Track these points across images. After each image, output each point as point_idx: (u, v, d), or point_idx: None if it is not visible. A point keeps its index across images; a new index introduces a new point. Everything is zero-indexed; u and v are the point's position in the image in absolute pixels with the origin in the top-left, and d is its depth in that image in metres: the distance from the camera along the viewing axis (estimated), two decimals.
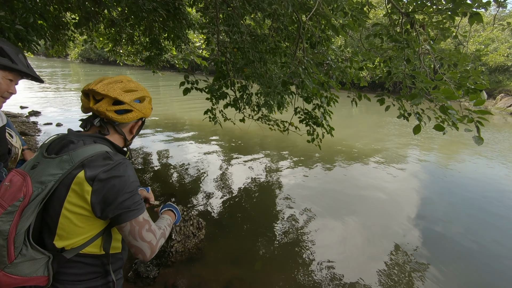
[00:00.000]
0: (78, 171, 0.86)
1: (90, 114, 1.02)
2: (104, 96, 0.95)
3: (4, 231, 0.80)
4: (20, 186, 0.83)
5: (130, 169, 0.94)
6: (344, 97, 4.15)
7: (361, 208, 4.34)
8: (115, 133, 1.03)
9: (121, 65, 10.36)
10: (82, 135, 0.96)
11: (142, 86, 1.08)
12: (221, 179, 5.08)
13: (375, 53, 3.58)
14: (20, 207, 0.81)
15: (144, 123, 1.15)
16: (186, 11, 5.55)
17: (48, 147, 0.95)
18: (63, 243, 0.89)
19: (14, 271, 0.84)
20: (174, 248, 2.79)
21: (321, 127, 3.72)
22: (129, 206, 0.90)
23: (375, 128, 10.21)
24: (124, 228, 0.91)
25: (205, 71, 3.96)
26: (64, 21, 5.62)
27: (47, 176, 0.85)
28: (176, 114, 10.68)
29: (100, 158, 0.89)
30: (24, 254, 0.84)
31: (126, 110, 1.00)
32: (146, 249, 0.93)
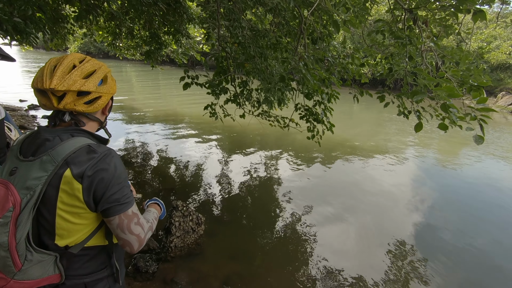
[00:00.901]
0: (64, 170, 0.83)
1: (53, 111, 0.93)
2: (67, 92, 0.86)
3: (3, 243, 0.79)
4: (5, 196, 0.80)
5: (117, 160, 0.90)
6: (344, 94, 4.13)
7: (360, 205, 4.34)
8: (89, 121, 0.97)
9: (121, 58, 10.30)
10: (56, 131, 0.89)
11: (97, 61, 0.97)
12: (221, 175, 5.08)
13: (376, 49, 3.56)
14: (12, 217, 0.79)
15: (113, 100, 1.07)
16: (186, 5, 5.50)
17: (21, 148, 0.90)
18: (65, 241, 0.89)
19: (24, 276, 0.83)
20: (174, 243, 2.80)
21: (321, 124, 3.71)
22: (118, 200, 0.88)
23: (376, 125, 10.19)
24: (112, 221, 0.90)
25: (206, 66, 3.93)
26: (63, 14, 5.56)
27: (32, 180, 0.82)
28: (176, 109, 10.64)
29: (84, 153, 0.86)
30: (30, 259, 0.83)
31: (94, 98, 0.92)
32: (134, 242, 0.93)
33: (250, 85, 4.21)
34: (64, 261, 0.89)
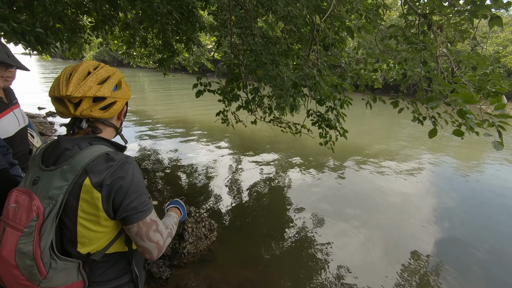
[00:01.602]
0: (83, 179, 0.84)
1: (71, 118, 0.95)
2: (83, 98, 0.87)
3: (28, 252, 0.80)
4: (29, 205, 0.82)
5: (134, 167, 0.91)
6: (357, 100, 4.10)
7: (374, 213, 4.26)
8: (106, 127, 0.98)
9: (134, 67, 10.55)
10: (75, 140, 0.90)
11: (110, 68, 0.98)
12: (232, 181, 5.09)
13: (389, 55, 3.53)
14: (37, 227, 0.81)
15: (127, 105, 1.09)
16: (198, 14, 5.61)
17: (42, 158, 0.92)
18: (87, 249, 0.89)
19: (49, 284, 0.85)
20: (187, 250, 2.81)
21: (334, 130, 3.68)
22: (136, 208, 0.89)
23: (388, 131, 10.04)
24: (131, 229, 0.90)
25: (218, 73, 3.99)
26: (81, 25, 5.77)
27: (54, 190, 0.83)
28: (187, 115, 10.78)
29: (102, 161, 0.87)
30: (55, 267, 0.85)
31: (110, 104, 0.93)
32: (153, 249, 0.92)
33: (262, 91, 4.24)
34: (86, 268, 0.91)
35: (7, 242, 0.81)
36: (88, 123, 0.93)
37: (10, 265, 0.81)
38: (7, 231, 0.82)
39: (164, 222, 1.05)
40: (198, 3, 5.49)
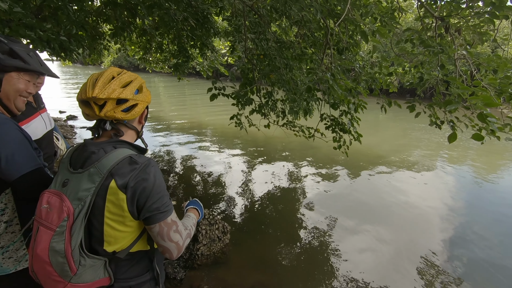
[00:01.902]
0: (109, 181, 0.88)
1: (95, 120, 1.01)
2: (107, 100, 0.93)
3: (60, 250, 0.85)
4: (60, 206, 0.87)
5: (156, 170, 0.95)
6: (371, 103, 4.06)
7: (388, 219, 4.17)
8: (128, 129, 1.03)
9: (150, 72, 10.83)
10: (100, 143, 0.96)
11: (132, 73, 1.03)
12: (245, 184, 5.11)
13: (405, 58, 3.48)
14: (67, 226, 0.86)
15: (148, 109, 1.14)
16: (213, 20, 5.72)
17: (70, 161, 0.97)
18: (113, 247, 0.94)
19: (79, 280, 0.90)
20: (200, 251, 2.85)
21: (348, 134, 3.65)
22: (158, 208, 0.93)
23: (404, 135, 9.83)
24: (153, 229, 0.94)
25: (232, 77, 4.04)
26: (100, 32, 5.99)
27: (82, 191, 0.88)
28: (200, 119, 10.93)
29: (126, 164, 0.91)
30: (84, 264, 0.89)
31: (131, 106, 0.99)
32: (173, 249, 0.96)
33: (275, 95, 4.26)
34: (112, 266, 0.96)
35: (41, 240, 0.87)
36: (112, 125, 0.98)
37: (44, 262, 0.87)
38: (41, 231, 0.88)
39: (184, 223, 1.09)
40: (213, 9, 5.61)
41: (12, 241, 1.14)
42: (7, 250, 1.13)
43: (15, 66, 1.09)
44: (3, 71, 1.08)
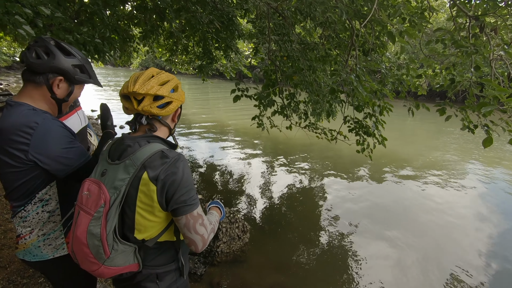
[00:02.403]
0: (142, 172, 0.94)
1: (133, 115, 1.09)
2: (145, 95, 1.01)
3: (97, 234, 0.93)
4: (98, 193, 0.94)
5: (185, 164, 1.00)
6: (398, 106, 3.93)
7: (414, 226, 4.01)
8: (161, 126, 1.09)
9: (175, 73, 11.16)
10: (136, 138, 1.02)
11: (169, 74, 1.11)
12: (265, 185, 5.13)
13: (435, 59, 3.35)
14: (104, 212, 0.93)
15: (181, 109, 1.20)
16: (238, 22, 5.81)
17: (109, 153, 1.05)
18: (142, 235, 1.01)
19: (111, 263, 0.97)
20: (220, 249, 2.90)
21: (372, 137, 3.56)
22: (185, 201, 0.98)
23: (432, 140, 9.40)
24: (180, 220, 0.99)
25: (256, 79, 4.08)
26: (131, 34, 6.28)
27: (118, 181, 0.95)
28: (222, 119, 11.10)
29: (158, 158, 0.97)
30: (116, 249, 0.96)
31: (167, 103, 1.05)
32: (199, 242, 1.01)
33: (298, 97, 4.25)
34: (141, 253, 1.02)
35: (81, 224, 0.95)
36: (147, 120, 1.06)
37: (82, 244, 0.95)
38: (81, 215, 0.96)
39: (208, 218, 1.14)
40: (238, 12, 5.70)
41: (53, 230, 1.24)
42: (48, 237, 1.23)
43: (83, 81, 1.26)
44: (74, 84, 1.24)
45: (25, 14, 2.32)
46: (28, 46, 1.16)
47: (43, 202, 1.19)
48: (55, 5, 3.14)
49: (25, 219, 1.19)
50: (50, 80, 1.17)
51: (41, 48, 1.14)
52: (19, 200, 1.17)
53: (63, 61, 1.16)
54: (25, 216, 1.18)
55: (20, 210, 1.17)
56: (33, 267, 1.31)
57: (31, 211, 1.18)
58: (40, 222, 1.20)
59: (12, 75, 22.70)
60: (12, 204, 1.19)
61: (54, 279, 1.38)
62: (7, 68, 25.45)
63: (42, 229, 1.21)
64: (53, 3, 3.09)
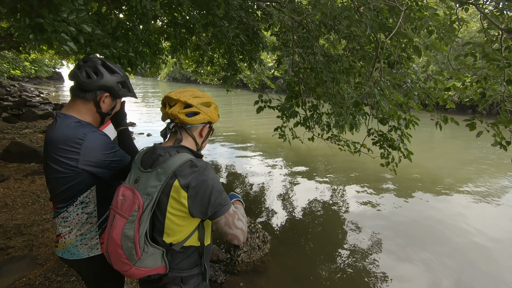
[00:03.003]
0: (173, 180, 1.02)
1: (167, 122, 1.20)
2: (177, 101, 1.12)
3: (131, 236, 1.01)
4: (132, 199, 1.02)
5: (213, 172, 1.09)
6: (425, 119, 3.82)
7: (445, 249, 3.78)
8: (188, 136, 1.17)
9: (200, 83, 11.53)
10: (166, 148, 1.11)
11: (208, 95, 1.21)
12: (286, 195, 5.12)
13: (465, 72, 3.24)
14: (137, 216, 1.01)
15: (212, 129, 1.26)
16: (262, 35, 5.97)
17: (141, 161, 1.14)
18: (170, 239, 1.08)
19: (142, 264, 1.04)
20: (241, 258, 2.93)
21: (397, 151, 3.48)
22: (220, 203, 1.06)
23: (462, 155, 8.93)
24: (220, 221, 1.08)
25: (279, 90, 4.14)
26: (160, 47, 6.63)
27: (151, 188, 1.02)
28: (244, 129, 11.25)
29: (187, 167, 1.04)
30: (147, 251, 1.03)
31: (194, 112, 1.14)
32: (240, 235, 1.11)
33: (321, 109, 4.25)
34: (168, 256, 1.09)
35: (116, 226, 1.04)
36: (176, 127, 1.16)
37: (117, 245, 1.03)
38: (116, 218, 1.05)
39: (239, 212, 1.21)
40: (262, 25, 5.86)
41: (89, 230, 1.35)
42: (84, 237, 1.34)
43: (123, 95, 1.39)
44: (116, 98, 1.38)
45: (70, 32, 2.56)
46: (78, 65, 1.29)
47: (83, 204, 1.31)
48: (95, 23, 3.42)
49: (66, 220, 1.30)
50: (98, 96, 1.30)
51: (90, 68, 1.28)
52: (63, 202, 1.29)
53: (109, 79, 1.29)
54: (66, 217, 1.30)
55: (63, 211, 1.29)
56: (70, 265, 1.42)
57: (72, 212, 1.30)
58: (79, 222, 1.32)
59: (52, 85, 24.50)
60: (56, 206, 1.32)
61: (87, 278, 1.48)
62: (48, 78, 27.53)
63: (80, 229, 1.32)
64: (94, 21, 3.36)
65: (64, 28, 2.49)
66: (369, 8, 2.77)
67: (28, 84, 21.96)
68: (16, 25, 2.47)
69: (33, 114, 8.75)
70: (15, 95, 14.08)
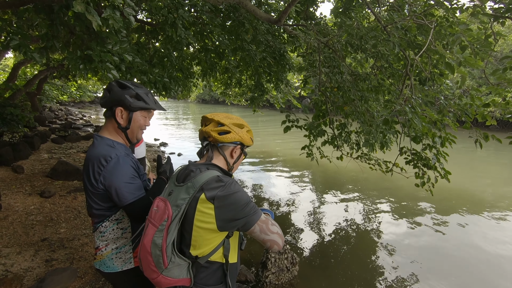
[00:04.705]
0: (200, 194, 1.07)
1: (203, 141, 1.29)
2: (211, 121, 1.23)
3: (159, 244, 1.06)
4: (164, 209, 1.08)
5: (239, 185, 1.14)
6: (464, 136, 3.61)
7: (493, 279, 3.42)
8: (219, 155, 1.23)
9: (229, 104, 11.92)
10: (198, 165, 1.19)
11: (243, 120, 1.29)
12: (315, 217, 4.99)
13: (505, 87, 3.06)
14: (166, 226, 1.06)
15: (244, 153, 1.31)
16: (289, 57, 6.12)
17: (177, 177, 1.21)
18: (196, 252, 1.12)
19: (168, 274, 1.09)
20: (269, 279, 2.87)
21: (433, 170, 3.30)
22: (250, 212, 1.10)
23: (508, 175, 8.18)
24: (254, 230, 1.11)
25: (304, 110, 4.16)
26: (192, 72, 7.03)
27: (180, 200, 1.09)
28: (271, 148, 11.29)
29: (214, 181, 1.10)
30: (173, 261, 1.07)
31: (226, 131, 1.21)
32: (278, 239, 1.14)
33: (349, 127, 4.19)
34: (194, 269, 1.13)
35: (148, 234, 1.10)
36: (209, 146, 1.25)
37: (147, 252, 1.09)
38: (149, 227, 1.12)
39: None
40: (289, 47, 6.02)
41: (124, 245, 1.43)
42: (119, 251, 1.42)
43: (139, 107, 1.41)
44: (132, 111, 1.41)
45: (114, 61, 2.83)
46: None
47: (117, 221, 1.40)
48: (135, 52, 3.75)
49: (103, 234, 1.40)
50: (114, 111, 1.39)
51: (106, 89, 1.41)
52: (98, 217, 1.39)
53: (119, 93, 1.37)
54: (103, 232, 1.39)
55: (99, 226, 1.39)
56: (106, 277, 1.50)
57: (108, 227, 1.39)
58: (115, 237, 1.40)
59: (93, 108, 26.59)
60: (94, 220, 1.42)
61: None
62: (90, 102, 29.99)
63: (115, 243, 1.41)
64: (134, 50, 3.70)
65: (109, 58, 2.76)
66: (396, 27, 2.77)
67: (73, 108, 24.10)
68: (69, 57, 2.80)
69: (77, 135, 9.52)
70: (62, 119, 15.49)
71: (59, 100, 19.63)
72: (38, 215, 3.83)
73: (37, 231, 3.44)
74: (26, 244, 3.13)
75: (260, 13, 4.04)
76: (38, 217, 3.77)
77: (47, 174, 5.36)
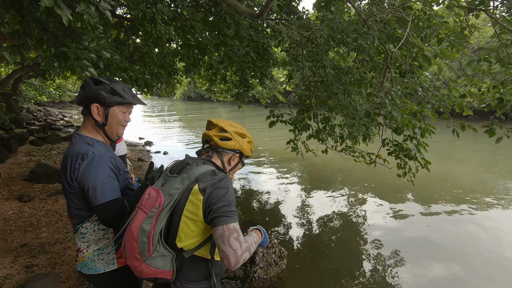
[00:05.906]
0: (194, 184, 1.11)
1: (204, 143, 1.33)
2: (216, 126, 1.29)
3: (147, 230, 1.05)
4: (155, 197, 1.09)
5: (230, 184, 1.15)
6: (443, 127, 3.72)
7: (475, 268, 3.52)
8: (217, 158, 1.29)
9: (214, 101, 11.84)
10: (195, 159, 1.24)
11: (246, 131, 1.35)
12: (302, 210, 5.04)
13: (480, 78, 3.17)
14: (156, 213, 1.07)
15: (242, 162, 1.36)
16: (272, 52, 6.11)
17: (171, 169, 1.24)
18: (182, 244, 1.12)
19: (151, 263, 1.08)
20: (257, 274, 2.89)
21: (414, 161, 3.39)
22: (224, 212, 1.07)
23: (488, 164, 8.53)
24: (216, 231, 1.06)
25: (289, 104, 4.18)
26: (175, 68, 6.90)
27: (173, 189, 1.11)
28: (258, 143, 11.30)
29: (209, 174, 1.13)
30: (158, 250, 1.07)
31: (227, 138, 1.27)
32: (231, 256, 1.03)
33: (333, 121, 4.24)
34: (177, 262, 1.12)
35: (136, 220, 1.09)
36: (209, 148, 1.30)
37: (133, 238, 1.08)
38: (138, 213, 1.11)
39: (245, 237, 1.21)
40: (272, 42, 6.01)
41: (106, 246, 1.39)
42: (101, 252, 1.38)
43: (116, 102, 1.37)
44: (108, 107, 1.37)
45: (91, 58, 2.74)
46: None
47: (98, 221, 1.36)
48: (114, 49, 3.63)
49: (84, 236, 1.36)
50: (90, 108, 1.35)
51: (81, 86, 1.38)
52: (78, 218, 1.35)
53: (93, 89, 1.33)
54: (84, 233, 1.35)
55: (79, 227, 1.35)
56: (88, 279, 1.46)
57: (89, 228, 1.35)
58: (96, 238, 1.37)
59: (75, 108, 25.74)
60: (74, 222, 1.38)
61: None
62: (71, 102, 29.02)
63: (97, 244, 1.37)
64: (113, 47, 3.58)
65: (86, 55, 2.66)
66: (376, 20, 2.81)
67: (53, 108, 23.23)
68: (43, 54, 2.68)
69: (57, 136, 9.19)
70: (41, 120, 14.90)
71: (37, 100, 18.87)
72: (17, 220, 3.69)
73: (15, 236, 3.32)
74: (4, 250, 3.01)
75: (242, 8, 4.00)
76: (17, 222, 3.63)
77: (26, 177, 5.16)
